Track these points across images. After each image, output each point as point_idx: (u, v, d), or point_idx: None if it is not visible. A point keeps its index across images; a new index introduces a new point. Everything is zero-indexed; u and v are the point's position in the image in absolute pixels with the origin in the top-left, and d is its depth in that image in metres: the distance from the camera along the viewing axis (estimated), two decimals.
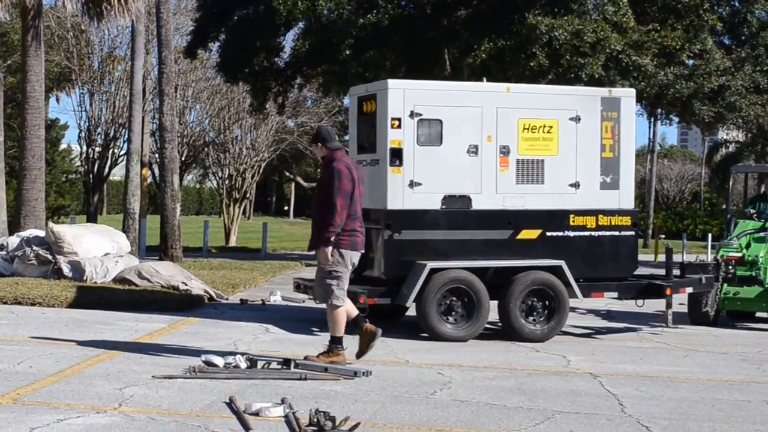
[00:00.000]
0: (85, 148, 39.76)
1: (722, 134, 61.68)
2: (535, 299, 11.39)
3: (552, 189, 11.69)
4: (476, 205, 11.45)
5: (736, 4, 26.22)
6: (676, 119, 28.34)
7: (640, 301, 12.38)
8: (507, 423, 6.98)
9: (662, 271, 13.25)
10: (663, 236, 14.31)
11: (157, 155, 38.49)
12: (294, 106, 41.69)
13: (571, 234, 11.74)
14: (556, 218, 11.69)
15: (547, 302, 11.40)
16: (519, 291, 11.27)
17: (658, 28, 23.90)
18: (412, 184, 11.23)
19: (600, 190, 11.88)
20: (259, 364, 8.48)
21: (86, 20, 23.16)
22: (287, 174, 62.49)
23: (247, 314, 12.70)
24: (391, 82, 11.67)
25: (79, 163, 44.34)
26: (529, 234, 11.60)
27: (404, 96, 11.30)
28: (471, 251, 11.38)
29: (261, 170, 46.36)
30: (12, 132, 31.25)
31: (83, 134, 39.08)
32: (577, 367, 9.61)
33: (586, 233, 11.79)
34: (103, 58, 38.29)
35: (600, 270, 11.95)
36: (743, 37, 26.73)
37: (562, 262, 11.47)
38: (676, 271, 13.22)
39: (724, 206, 16.32)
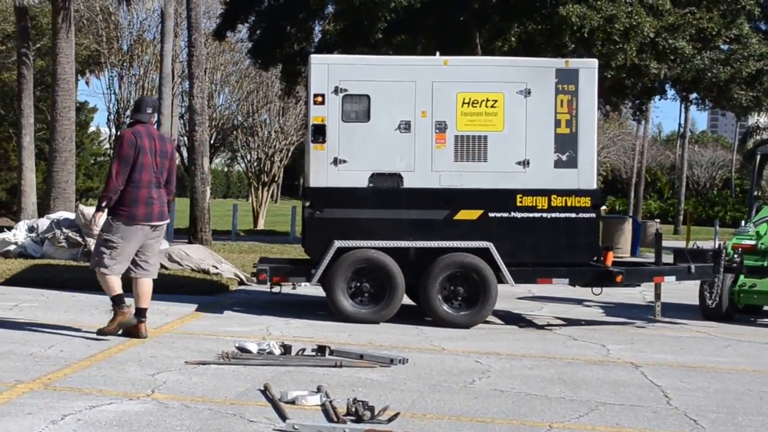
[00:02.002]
0: (114, 130, 39.81)
1: (753, 120, 60.85)
2: (458, 283, 10.92)
3: (496, 167, 11.02)
4: (408, 184, 10.97)
5: None
6: (710, 104, 27.87)
7: (597, 289, 11.58)
8: (550, 415, 6.75)
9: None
10: (658, 221, 13.90)
11: (185, 138, 38.60)
12: None
13: (519, 215, 11.06)
14: (501, 198, 11.04)
15: (471, 287, 10.93)
16: (437, 273, 10.83)
17: (695, 11, 23.48)
18: (336, 162, 10.91)
19: (554, 169, 11.09)
20: (293, 351, 8.29)
21: (115, 3, 23.06)
22: None
23: (278, 298, 12.54)
24: (314, 57, 11.34)
25: (107, 146, 44.42)
26: (467, 215, 11.03)
27: (328, 71, 10.96)
28: (402, 231, 10.95)
29: (290, 154, 46.24)
30: (41, 114, 31.27)
31: (112, 117, 39.12)
32: (617, 357, 9.37)
33: (537, 215, 11.06)
34: (132, 41, 38.25)
35: (554, 254, 11.22)
36: None
37: (489, 244, 10.92)
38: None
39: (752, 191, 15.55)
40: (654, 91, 27.53)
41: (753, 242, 12.69)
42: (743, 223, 13.63)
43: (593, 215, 11.22)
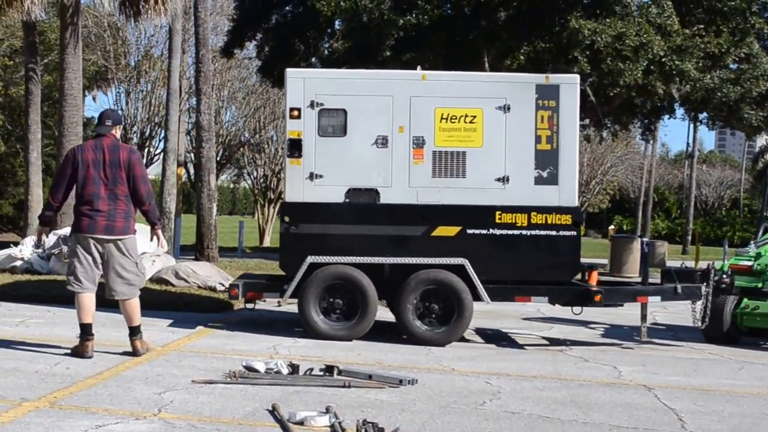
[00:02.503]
0: None
1: (760, 142, 60.79)
2: (432, 300, 10.79)
3: (475, 183, 10.89)
4: (385, 199, 10.86)
5: None
6: (720, 124, 27.76)
7: (577, 309, 11.42)
8: None
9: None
10: (645, 239, 13.71)
11: (191, 154, 38.57)
12: None
13: (498, 232, 10.93)
14: (479, 215, 10.91)
15: (446, 304, 10.78)
16: (410, 290, 10.71)
17: (703, 33, 23.41)
18: (312, 176, 10.81)
19: (534, 186, 10.94)
20: (301, 370, 8.19)
21: (123, 19, 23.03)
22: None
23: (285, 316, 12.44)
24: (290, 71, 11.25)
25: None
26: (445, 231, 10.90)
27: (304, 85, 10.89)
28: (379, 248, 10.83)
29: None
30: (48, 130, 31.27)
31: (120, 134, 39.09)
32: (629, 379, 9.24)
33: (516, 232, 10.92)
34: (140, 57, 38.30)
35: (533, 272, 11.08)
36: None
37: (464, 261, 10.79)
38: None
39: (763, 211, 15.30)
40: (663, 111, 27.45)
41: (750, 263, 12.39)
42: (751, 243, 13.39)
43: (574, 233, 11.08)
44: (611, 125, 29.86)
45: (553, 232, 10.98)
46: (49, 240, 15.43)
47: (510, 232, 10.95)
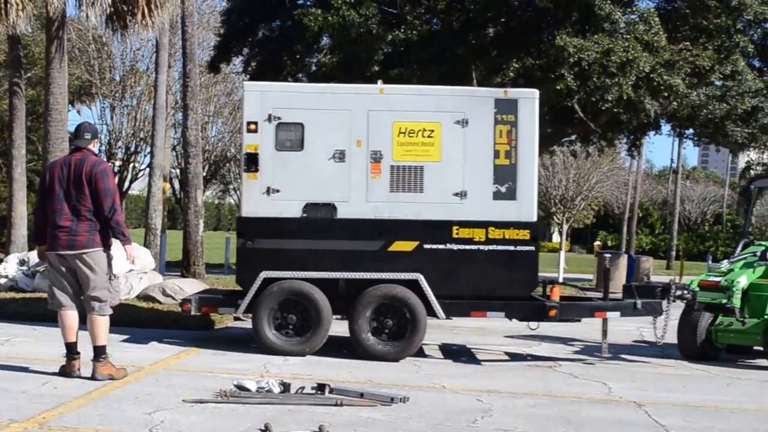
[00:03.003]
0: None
1: (743, 158, 61.10)
2: (387, 315, 10.74)
3: (433, 198, 10.86)
4: (342, 214, 10.85)
5: None
6: (706, 140, 27.88)
7: (534, 324, 11.43)
8: None
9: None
10: (608, 254, 13.71)
11: (176, 170, 38.47)
12: None
13: (455, 247, 10.89)
14: (437, 230, 10.86)
15: (400, 319, 10.73)
16: (364, 305, 10.67)
17: (690, 47, 23.54)
18: (269, 191, 10.80)
19: (492, 201, 10.92)
20: (293, 389, 8.14)
21: (109, 33, 22.95)
22: None
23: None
24: (248, 84, 11.30)
25: None
26: (402, 246, 10.85)
27: (261, 99, 10.87)
28: (336, 263, 10.80)
29: None
30: (31, 145, 31.07)
31: (104, 148, 38.93)
32: (619, 395, 9.23)
33: (474, 247, 10.89)
34: (125, 71, 38.19)
35: (491, 287, 11.02)
36: None
37: (419, 276, 10.75)
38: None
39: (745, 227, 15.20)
40: (649, 127, 27.55)
41: (718, 279, 12.26)
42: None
43: (532, 248, 11.03)
44: (598, 141, 29.95)
45: (511, 247, 10.95)
46: (34, 257, 15.33)
47: (468, 247, 10.92)
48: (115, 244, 8.74)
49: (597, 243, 33.15)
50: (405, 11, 23.54)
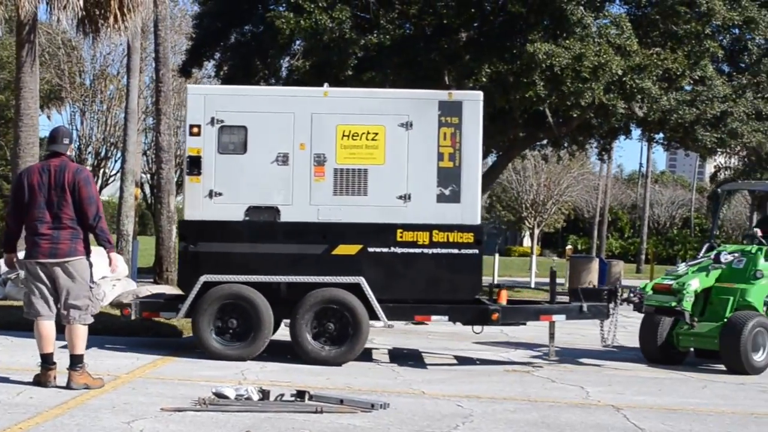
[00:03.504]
0: None
1: (711, 164, 61.66)
2: (328, 319, 10.69)
3: (377, 201, 10.84)
4: (286, 217, 10.81)
5: (737, 32, 26.02)
6: (676, 145, 28.09)
7: (478, 328, 11.44)
8: None
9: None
10: (555, 258, 13.49)
11: (147, 175, 38.21)
12: None
13: (399, 251, 10.85)
14: (380, 233, 10.84)
15: (342, 323, 10.69)
16: (306, 309, 10.62)
17: (660, 51, 23.70)
18: (211, 194, 10.76)
19: (437, 203, 10.89)
20: (272, 396, 8.08)
21: (80, 37, 22.72)
22: None
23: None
24: (191, 88, 11.33)
25: None
26: (346, 249, 10.83)
27: (204, 102, 10.86)
28: (278, 266, 10.76)
29: None
30: (0, 150, 30.80)
31: (74, 153, 38.64)
32: (597, 399, 9.26)
33: (418, 250, 10.85)
34: (95, 75, 37.91)
35: (435, 291, 10.99)
36: (743, 65, 26.53)
37: (360, 279, 10.70)
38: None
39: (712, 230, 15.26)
40: (620, 131, 27.71)
41: (670, 282, 12.22)
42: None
43: (476, 251, 11.01)
44: (569, 145, 30.09)
45: (455, 251, 10.93)
46: (2, 265, 15.15)
47: (411, 250, 10.89)
48: (94, 251, 8.65)
49: (568, 247, 33.33)
50: (378, 16, 23.54)
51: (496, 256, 31.74)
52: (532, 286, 28.99)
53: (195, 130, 10.80)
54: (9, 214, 8.68)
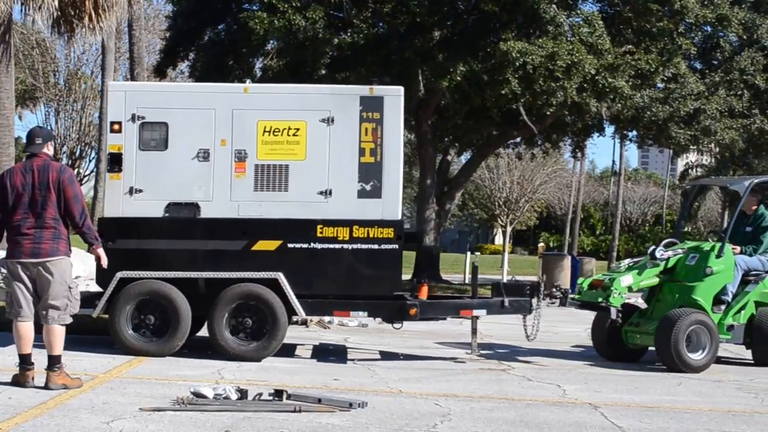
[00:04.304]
0: None
1: (682, 160, 62.14)
2: (246, 315, 10.70)
3: (298, 197, 10.84)
4: (206, 213, 10.80)
5: (709, 29, 26.28)
6: (649, 142, 28.30)
7: (397, 324, 11.46)
8: None
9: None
10: (477, 253, 13.46)
11: None
12: None
13: (319, 246, 10.85)
14: (301, 229, 10.83)
15: (260, 319, 10.71)
16: (223, 304, 10.64)
17: (633, 50, 23.88)
18: (132, 191, 10.77)
19: (358, 199, 10.90)
20: (250, 395, 8.09)
21: (55, 37, 22.59)
22: None
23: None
24: (111, 84, 11.42)
25: None
26: (266, 245, 10.81)
27: (125, 98, 10.87)
28: (198, 262, 10.77)
29: None
30: None
31: (52, 149, 38.35)
32: (574, 397, 9.32)
33: (338, 246, 10.85)
34: (69, 75, 37.71)
35: (355, 286, 11.00)
36: (715, 62, 26.82)
37: (278, 275, 10.70)
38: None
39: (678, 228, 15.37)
40: (593, 129, 27.90)
41: (603, 278, 12.22)
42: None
43: (396, 246, 10.98)
44: (542, 143, 30.23)
45: (375, 246, 10.93)
46: None
47: (332, 246, 10.89)
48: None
49: (541, 245, 33.49)
50: (351, 15, 23.58)
51: (468, 254, 31.84)
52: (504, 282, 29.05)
53: (116, 126, 10.79)
54: None
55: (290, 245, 10.84)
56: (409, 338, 13.79)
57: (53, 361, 8.34)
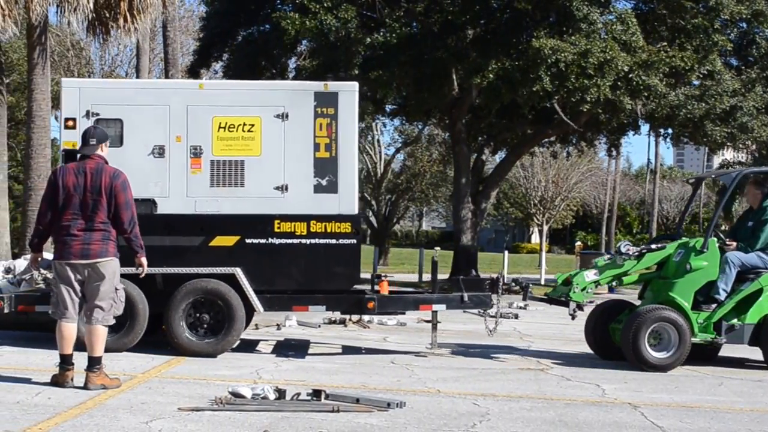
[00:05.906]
0: None
1: (718, 158, 61.49)
2: (203, 310, 10.72)
3: (254, 192, 10.88)
4: (162, 210, 10.79)
5: (744, 25, 26.01)
6: (685, 140, 28.05)
7: (355, 316, 11.45)
8: None
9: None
10: (437, 248, 13.41)
11: None
12: None
13: (277, 241, 10.89)
14: (258, 224, 10.87)
15: (217, 314, 10.71)
16: (179, 300, 10.65)
17: (667, 48, 23.69)
18: None
19: (314, 194, 10.95)
20: (288, 395, 8.09)
21: (90, 38, 22.77)
22: None
23: (262, 338, 12.31)
24: (65, 81, 11.26)
25: None
26: (224, 241, 10.84)
27: (80, 95, 10.84)
28: (155, 259, 10.46)
29: None
30: (10, 151, 30.85)
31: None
32: (614, 397, 9.24)
33: (296, 241, 10.88)
34: (104, 76, 38.01)
35: (313, 281, 11.03)
36: (751, 59, 26.51)
37: (235, 270, 10.74)
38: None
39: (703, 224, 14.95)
40: (628, 127, 27.68)
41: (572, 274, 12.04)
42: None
43: (353, 241, 11.03)
44: (577, 142, 30.06)
45: (333, 241, 10.95)
46: (20, 265, 15.17)
47: (289, 241, 10.91)
48: None
49: (578, 243, 33.37)
50: (384, 15, 23.57)
51: (506, 252, 31.73)
52: (542, 282, 28.96)
53: (70, 123, 10.80)
54: (41, 214, 8.57)
55: (248, 241, 10.89)
56: (449, 337, 13.73)
57: (93, 362, 8.38)
